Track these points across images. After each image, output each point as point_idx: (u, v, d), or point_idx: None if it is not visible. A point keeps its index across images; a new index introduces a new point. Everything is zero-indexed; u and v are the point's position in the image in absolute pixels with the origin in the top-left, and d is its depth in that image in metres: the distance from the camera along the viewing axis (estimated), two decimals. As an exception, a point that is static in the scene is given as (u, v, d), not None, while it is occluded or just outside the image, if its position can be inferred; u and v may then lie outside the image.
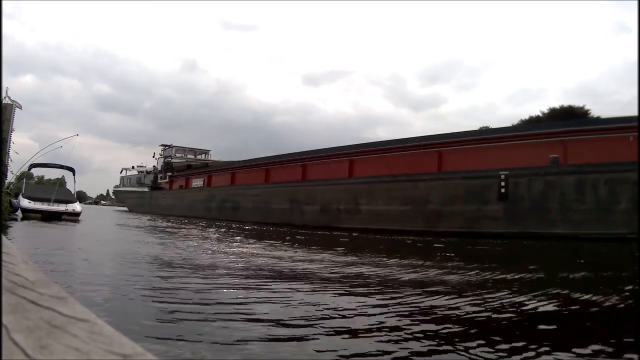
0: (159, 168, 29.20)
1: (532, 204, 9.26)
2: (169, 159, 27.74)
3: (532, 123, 18.79)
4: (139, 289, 2.93)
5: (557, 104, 18.34)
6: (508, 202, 9.62)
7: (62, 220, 11.66)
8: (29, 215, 11.25)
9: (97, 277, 3.48)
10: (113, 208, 44.51)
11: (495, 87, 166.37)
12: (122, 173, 37.25)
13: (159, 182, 28.26)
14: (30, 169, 13.38)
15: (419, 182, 11.07)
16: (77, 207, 12.57)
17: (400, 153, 12.32)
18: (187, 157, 28.56)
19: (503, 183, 9.78)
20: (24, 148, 38.67)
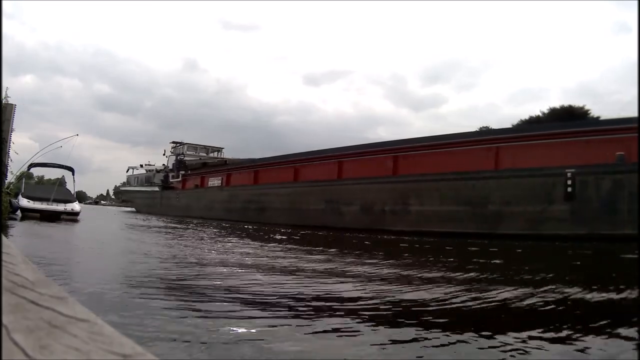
0: (170, 166, 27.89)
1: (600, 204, 8.73)
2: (182, 157, 26.70)
3: (593, 119, 17.19)
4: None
5: (557, 104, 18.34)
6: (575, 201, 9.00)
7: (61, 220, 11.60)
8: (28, 215, 11.23)
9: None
10: (118, 208, 43.30)
11: (496, 87, 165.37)
12: (128, 172, 35.83)
13: (171, 181, 27.08)
14: (30, 169, 13.40)
15: (477, 180, 10.46)
16: (76, 206, 12.67)
17: (453, 149, 11.58)
18: (199, 154, 27.86)
19: (569, 182, 9.15)
20: (24, 148, 38.59)
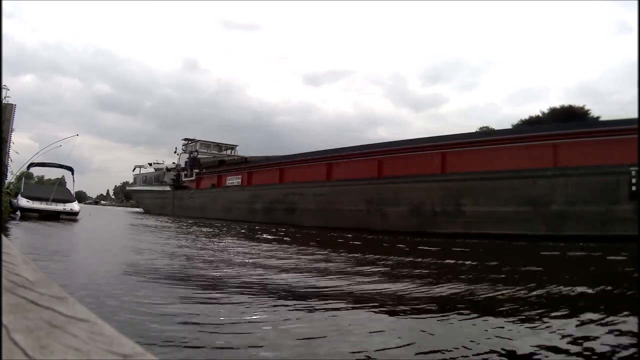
0: (183, 164, 26.40)
1: None
2: (195, 154, 25.27)
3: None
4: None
5: (558, 104, 18.32)
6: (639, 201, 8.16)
7: (60, 220, 11.55)
8: (27, 215, 11.17)
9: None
10: (118, 209, 41.72)
11: (497, 87, 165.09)
12: (134, 171, 33.91)
13: (183, 180, 25.59)
14: (29, 168, 13.38)
15: (538, 178, 9.72)
16: (75, 206, 12.67)
17: (508, 146, 10.83)
18: (212, 152, 26.63)
19: (634, 180, 8.63)
20: (24, 148, 38.83)
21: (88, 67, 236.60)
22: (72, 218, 13.07)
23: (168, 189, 26.39)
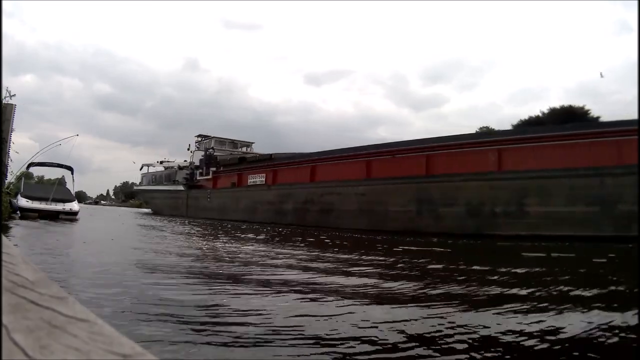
0: (197, 162, 25.22)
1: None
2: (211, 151, 24.08)
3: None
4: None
5: (558, 104, 18.30)
6: None
7: (59, 220, 11.55)
8: (27, 215, 11.17)
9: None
10: (127, 209, 41.56)
11: (497, 86, 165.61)
12: (142, 170, 32.61)
13: (198, 179, 24.26)
14: (29, 168, 13.38)
15: (606, 177, 9.22)
16: (74, 206, 12.70)
17: (571, 142, 10.13)
18: (226, 149, 25.73)
19: None
20: (24, 148, 39.08)
21: (88, 66, 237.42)
22: (71, 218, 13.04)
23: (181, 189, 25.23)
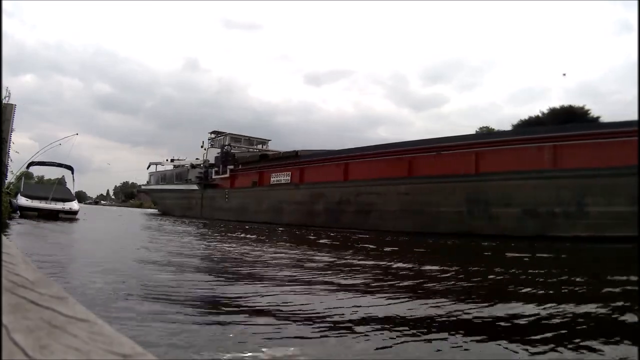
0: (211, 160, 24.42)
1: None
2: (228, 148, 23.24)
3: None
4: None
5: (559, 104, 18.29)
6: None
7: (59, 219, 11.56)
8: (26, 214, 11.20)
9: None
10: (141, 210, 40.95)
11: (498, 86, 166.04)
12: (149, 169, 31.84)
13: (213, 177, 23.22)
14: (29, 167, 13.41)
15: None
16: (74, 205, 12.77)
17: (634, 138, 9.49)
18: (241, 147, 24.95)
19: None
20: (24, 148, 39.35)
21: (88, 66, 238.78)
22: (71, 217, 13.06)
23: (195, 188, 24.39)
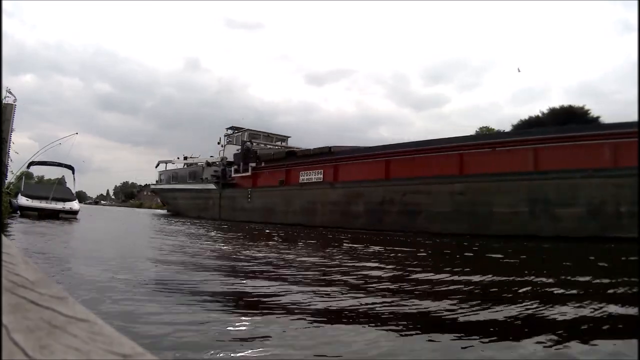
0: (230, 157, 23.35)
1: None
2: (249, 145, 22.16)
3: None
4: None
5: (560, 104, 18.26)
6: None
7: (59, 219, 11.55)
8: (26, 214, 11.20)
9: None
10: (150, 211, 40.44)
11: (498, 86, 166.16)
12: (158, 167, 30.84)
13: (233, 176, 22.10)
14: (29, 167, 13.40)
15: None
16: (74, 205, 12.83)
17: None
18: (259, 143, 23.95)
19: None
20: (24, 148, 39.58)
21: (88, 66, 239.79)
22: (71, 217, 13.05)
23: (213, 187, 23.20)
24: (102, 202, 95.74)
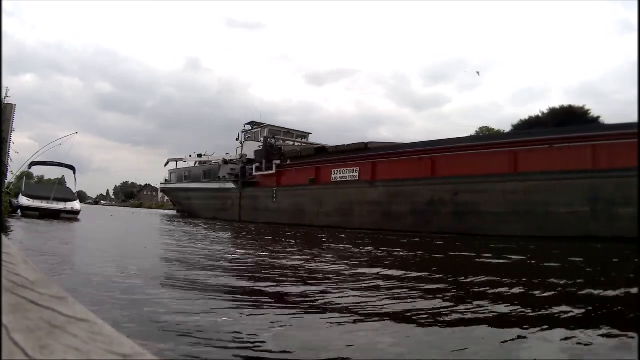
0: (249, 155, 22.12)
1: None
2: (273, 141, 20.71)
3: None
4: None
5: (560, 104, 18.24)
6: None
7: (60, 219, 11.54)
8: (27, 214, 11.19)
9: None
10: (159, 212, 40.78)
11: (499, 86, 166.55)
12: (167, 166, 29.57)
13: (254, 174, 20.55)
14: (31, 167, 13.39)
15: None
16: (76, 205, 12.92)
17: None
18: (279, 139, 22.70)
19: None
20: (24, 148, 39.63)
21: (88, 66, 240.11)
22: (73, 217, 13.06)
23: (232, 187, 21.60)
24: (102, 202, 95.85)
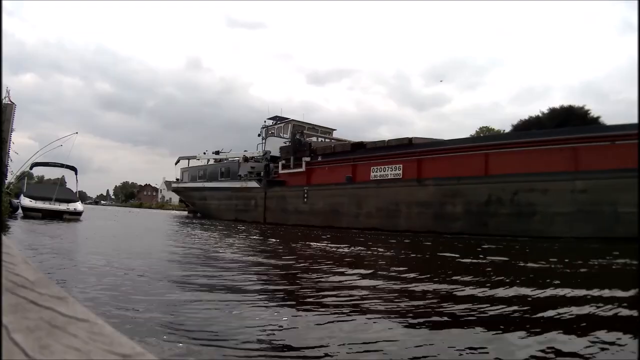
0: (274, 152, 20.45)
1: None
2: (301, 137, 19.21)
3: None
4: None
5: (561, 104, 18.24)
6: None
7: (63, 220, 11.52)
8: (29, 214, 11.17)
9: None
10: (168, 213, 40.75)
11: (500, 86, 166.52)
12: (178, 164, 27.71)
13: (280, 172, 19.02)
14: (32, 168, 13.39)
15: None
16: (78, 206, 12.99)
17: None
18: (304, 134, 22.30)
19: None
20: (24, 148, 39.82)
21: (89, 65, 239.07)
22: (75, 218, 13.07)
23: (255, 186, 19.99)
24: (102, 202, 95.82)
